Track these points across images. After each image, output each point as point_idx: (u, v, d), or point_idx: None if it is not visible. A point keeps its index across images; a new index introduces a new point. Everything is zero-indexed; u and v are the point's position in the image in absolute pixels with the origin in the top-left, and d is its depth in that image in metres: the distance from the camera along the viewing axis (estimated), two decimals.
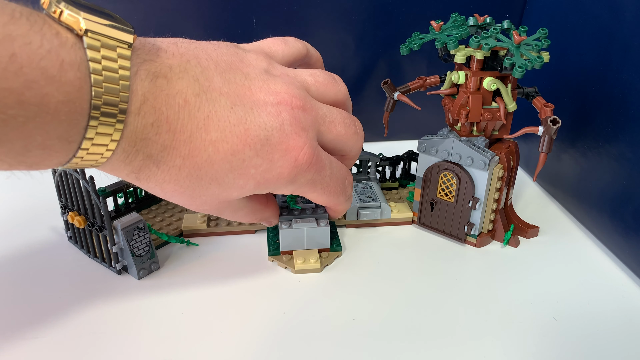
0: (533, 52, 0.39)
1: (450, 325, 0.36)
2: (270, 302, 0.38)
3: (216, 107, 0.27)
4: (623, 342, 0.35)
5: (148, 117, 0.25)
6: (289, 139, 0.29)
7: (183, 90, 0.26)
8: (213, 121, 0.27)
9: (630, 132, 0.42)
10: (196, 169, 0.28)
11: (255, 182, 0.30)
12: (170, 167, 0.27)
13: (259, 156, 0.29)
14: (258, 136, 0.28)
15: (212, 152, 0.27)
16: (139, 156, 0.26)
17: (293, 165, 0.30)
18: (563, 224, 0.50)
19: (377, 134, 0.58)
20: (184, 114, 0.26)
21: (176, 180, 0.28)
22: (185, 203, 0.31)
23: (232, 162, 0.28)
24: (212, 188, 0.29)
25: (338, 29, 0.60)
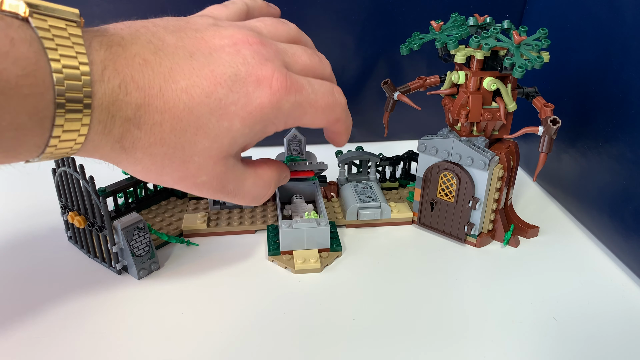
0: (533, 52, 0.39)
1: (450, 325, 0.36)
2: (270, 302, 0.38)
3: (176, 60, 0.28)
4: (623, 342, 0.35)
5: (113, 80, 0.25)
6: (257, 70, 0.29)
7: (139, 52, 0.26)
8: (177, 72, 0.27)
9: (630, 132, 0.42)
10: (177, 121, 0.27)
11: (241, 120, 0.29)
12: (151, 126, 0.27)
13: (233, 92, 0.28)
14: (225, 74, 0.28)
15: (187, 99, 0.27)
16: (117, 121, 0.26)
17: (270, 92, 0.29)
18: (563, 224, 0.50)
19: (377, 134, 0.58)
20: (147, 71, 0.26)
21: (161, 139, 0.27)
22: (179, 173, 0.30)
23: (210, 104, 0.28)
24: (200, 141, 0.28)
25: (338, 29, 0.60)
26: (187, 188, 0.31)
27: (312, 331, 0.35)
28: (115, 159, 0.28)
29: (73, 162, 0.39)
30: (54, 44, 0.23)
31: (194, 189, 0.31)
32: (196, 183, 0.31)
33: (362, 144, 0.61)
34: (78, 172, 0.39)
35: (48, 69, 0.22)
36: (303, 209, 0.47)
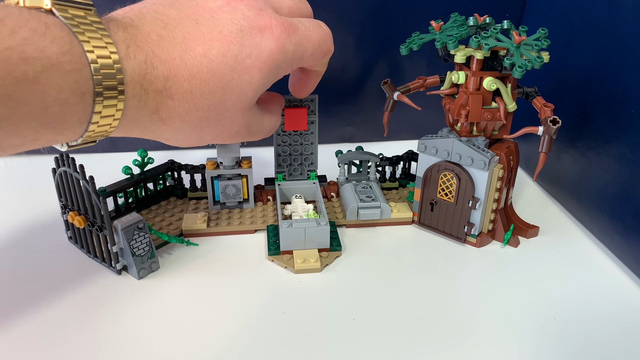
0: (533, 52, 0.39)
1: (450, 325, 0.36)
2: (270, 302, 0.38)
3: (186, 29, 0.29)
4: (623, 342, 0.35)
5: (138, 56, 0.27)
6: (257, 21, 0.31)
7: (152, 29, 0.28)
8: (191, 40, 0.29)
9: (630, 132, 0.42)
10: (205, 84, 0.29)
11: (259, 71, 0.31)
12: (182, 94, 0.29)
13: (245, 46, 0.31)
14: (232, 31, 0.30)
15: (207, 62, 0.29)
16: (150, 95, 0.27)
17: (274, 39, 0.32)
18: (563, 224, 0.50)
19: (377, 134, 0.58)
20: (165, 45, 0.28)
21: (195, 105, 0.30)
22: (217, 129, 0.32)
23: (228, 62, 0.30)
24: (228, 98, 0.31)
25: (338, 29, 0.59)
26: (222, 140, 0.34)
27: (312, 331, 0.35)
28: (156, 131, 0.30)
29: (73, 162, 0.39)
30: (80, 29, 0.24)
31: (228, 139, 0.35)
32: (231, 134, 0.34)
33: (362, 144, 0.61)
34: (78, 172, 0.39)
35: (81, 48, 0.24)
36: (303, 209, 0.47)
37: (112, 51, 0.25)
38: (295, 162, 0.51)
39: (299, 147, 0.50)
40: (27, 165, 0.60)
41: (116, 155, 0.63)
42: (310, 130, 0.49)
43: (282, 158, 0.50)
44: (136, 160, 0.48)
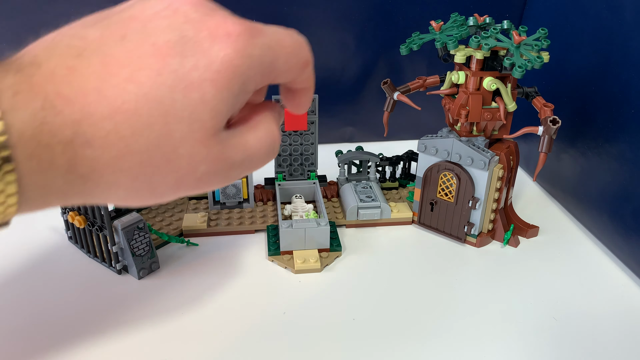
0: (533, 52, 0.39)
1: (450, 324, 0.36)
2: (270, 302, 0.38)
3: (107, 50, 0.23)
4: (623, 342, 0.35)
5: (31, 104, 0.21)
6: (205, 22, 0.25)
7: (59, 63, 0.22)
8: (113, 63, 0.23)
9: (630, 132, 0.42)
10: (135, 116, 0.22)
11: (212, 83, 0.24)
12: (105, 136, 0.22)
13: (188, 56, 0.24)
14: (170, 40, 0.24)
15: (136, 88, 0.22)
16: (56, 150, 0.21)
17: (231, 41, 0.25)
18: (563, 224, 0.50)
19: (377, 134, 0.58)
20: (75, 79, 0.22)
21: (126, 146, 0.22)
22: (172, 176, 0.25)
23: (166, 81, 0.23)
24: (175, 128, 0.23)
25: (338, 29, 0.60)
26: (191, 189, 0.26)
27: (312, 331, 0.35)
28: (83, 194, 0.23)
29: None
30: None
31: (199, 186, 0.26)
32: (198, 178, 0.25)
33: (362, 144, 0.61)
34: None
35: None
36: (303, 208, 0.47)
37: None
38: (295, 162, 0.51)
39: (299, 147, 0.50)
40: None
41: None
42: (310, 130, 0.49)
43: (282, 158, 0.50)
44: None
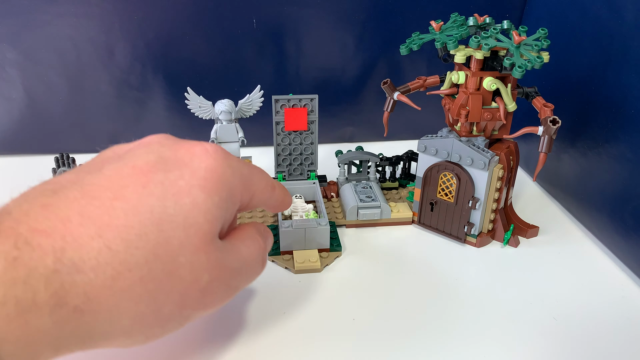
0: (533, 52, 0.39)
1: (450, 325, 0.36)
2: (270, 302, 0.38)
3: (86, 182, 0.22)
4: (623, 342, 0.35)
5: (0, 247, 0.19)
6: (180, 145, 0.25)
7: (33, 203, 0.21)
8: (92, 190, 0.22)
9: (630, 132, 0.42)
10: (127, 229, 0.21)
11: (200, 188, 0.24)
12: (95, 257, 0.20)
13: (171, 170, 0.24)
14: (149, 161, 0.23)
15: (122, 204, 0.21)
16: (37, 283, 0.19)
17: (210, 154, 0.25)
18: (563, 224, 0.50)
19: (377, 134, 0.58)
20: (51, 211, 0.21)
21: (122, 262, 0.21)
22: (176, 291, 0.23)
23: (153, 192, 0.22)
24: (171, 234, 0.22)
25: (338, 29, 0.60)
26: (196, 305, 0.24)
27: (312, 331, 0.35)
28: (80, 335, 0.21)
29: (73, 161, 0.39)
30: None
31: (204, 301, 0.25)
32: (203, 289, 0.24)
33: (362, 144, 0.61)
34: None
35: None
36: (303, 209, 0.47)
37: None
38: (295, 162, 0.51)
39: (299, 147, 0.50)
40: (27, 165, 0.60)
41: None
42: (310, 130, 0.49)
43: (282, 158, 0.50)
44: None
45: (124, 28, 0.56)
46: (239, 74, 0.60)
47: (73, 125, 0.61)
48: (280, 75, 0.61)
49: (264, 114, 0.49)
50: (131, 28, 0.56)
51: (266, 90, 0.48)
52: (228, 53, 0.59)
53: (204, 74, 0.59)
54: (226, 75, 0.60)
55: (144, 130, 0.63)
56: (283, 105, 0.48)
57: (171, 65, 0.59)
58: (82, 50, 0.56)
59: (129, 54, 0.57)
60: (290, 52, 0.60)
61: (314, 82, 0.62)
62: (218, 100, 0.47)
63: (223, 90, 0.56)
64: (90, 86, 0.59)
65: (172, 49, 0.58)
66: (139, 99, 0.60)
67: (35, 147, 0.62)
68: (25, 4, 0.53)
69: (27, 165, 0.60)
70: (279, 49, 0.60)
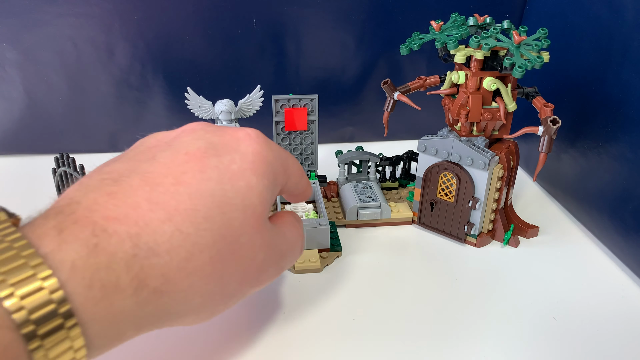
0: (533, 52, 0.39)
1: (450, 325, 0.36)
2: (270, 302, 0.38)
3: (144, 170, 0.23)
4: (623, 342, 0.35)
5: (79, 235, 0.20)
6: (224, 130, 0.27)
7: (99, 193, 0.22)
8: (153, 178, 0.23)
9: (630, 132, 0.42)
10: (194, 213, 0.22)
11: (252, 171, 0.25)
12: (169, 239, 0.21)
13: (223, 154, 0.25)
14: (200, 147, 0.25)
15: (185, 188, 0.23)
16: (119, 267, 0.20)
17: (252, 139, 0.27)
18: (563, 224, 0.50)
19: (377, 134, 0.58)
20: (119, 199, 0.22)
21: (194, 244, 0.22)
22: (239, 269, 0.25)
23: (211, 176, 0.24)
24: (232, 215, 0.24)
25: (338, 29, 0.60)
26: (252, 282, 0.26)
27: (312, 331, 0.35)
28: (157, 315, 0.22)
29: (73, 161, 0.39)
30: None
31: (259, 278, 0.26)
32: (258, 268, 0.26)
33: (362, 144, 0.61)
34: (78, 172, 0.39)
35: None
36: (303, 208, 0.47)
37: (34, 265, 0.18)
38: None
39: (299, 147, 0.50)
40: (27, 165, 0.60)
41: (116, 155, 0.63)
42: (310, 130, 0.49)
43: None
44: None
45: (124, 28, 0.56)
46: (239, 74, 0.60)
47: (73, 125, 0.61)
48: (280, 75, 0.61)
49: (264, 114, 0.49)
50: (131, 28, 0.56)
51: (266, 90, 0.48)
52: (228, 53, 0.59)
53: (204, 74, 0.59)
54: (226, 75, 0.60)
55: (144, 130, 0.62)
56: (283, 105, 0.48)
57: (171, 65, 0.59)
58: (82, 50, 0.57)
59: (129, 54, 0.57)
60: (290, 52, 0.60)
61: (314, 82, 0.62)
62: (218, 100, 0.47)
63: (223, 90, 0.57)
64: (90, 86, 0.59)
65: (172, 49, 0.58)
66: (139, 99, 0.60)
67: (35, 147, 0.62)
68: (25, 4, 0.53)
69: (27, 165, 0.60)
70: (279, 49, 0.60)
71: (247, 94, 0.48)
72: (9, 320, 0.17)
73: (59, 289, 0.18)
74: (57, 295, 0.18)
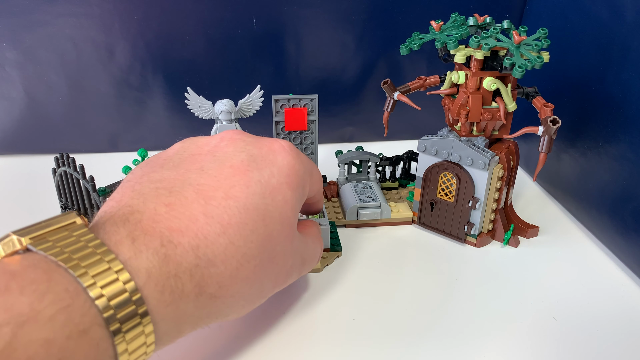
0: (533, 52, 0.39)
1: (450, 325, 0.36)
2: (270, 302, 0.38)
3: (195, 181, 0.26)
4: (623, 342, 0.35)
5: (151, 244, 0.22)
6: (260, 142, 0.29)
7: (157, 203, 0.24)
8: (205, 190, 0.25)
9: (630, 132, 0.42)
10: (243, 226, 0.25)
11: (288, 186, 0.28)
12: (224, 251, 0.24)
13: (262, 168, 0.28)
14: (243, 160, 0.27)
15: (235, 203, 0.25)
16: (184, 278, 0.23)
17: (287, 151, 0.29)
18: (563, 224, 0.50)
19: (377, 134, 0.58)
20: (178, 211, 0.24)
21: (243, 255, 0.25)
22: (274, 273, 0.28)
23: (256, 191, 0.26)
24: (272, 228, 0.26)
25: (338, 29, 0.60)
26: (280, 285, 0.30)
27: (312, 331, 0.35)
28: (210, 315, 0.25)
29: (73, 161, 0.40)
30: (70, 258, 0.20)
31: (286, 281, 0.30)
32: (287, 273, 0.29)
33: (362, 143, 0.61)
34: (78, 172, 0.39)
35: (76, 285, 0.19)
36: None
37: (117, 270, 0.20)
38: None
39: (299, 147, 0.50)
40: (27, 165, 0.60)
41: (116, 155, 0.63)
42: (310, 130, 0.49)
43: None
44: (136, 160, 0.48)
45: (124, 28, 0.56)
46: (239, 74, 0.60)
47: (73, 125, 0.61)
48: (280, 75, 0.61)
49: (264, 114, 0.49)
50: (131, 28, 0.56)
51: (266, 90, 0.48)
52: (228, 53, 0.59)
53: (204, 74, 0.59)
54: (226, 75, 0.60)
55: (144, 130, 0.63)
56: (283, 105, 0.48)
57: (171, 65, 0.59)
58: (82, 50, 0.57)
59: (129, 54, 0.57)
60: (290, 52, 0.60)
61: (314, 82, 0.62)
62: (218, 100, 0.47)
63: (223, 90, 0.57)
64: (90, 86, 0.59)
65: (172, 49, 0.58)
66: (139, 99, 0.60)
67: (35, 147, 0.62)
68: (25, 4, 0.53)
69: (27, 165, 0.60)
70: (279, 49, 0.60)
71: (247, 94, 0.48)
72: (100, 318, 0.19)
73: (137, 291, 0.21)
74: (136, 296, 0.21)
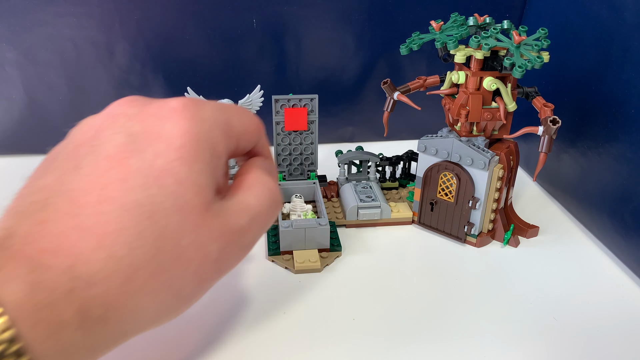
0: (533, 52, 0.39)
1: (450, 325, 0.36)
2: (270, 302, 0.38)
3: (69, 186, 0.22)
4: (623, 342, 0.35)
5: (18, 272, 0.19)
6: (146, 111, 0.24)
7: (30, 221, 0.21)
8: (78, 197, 0.21)
9: (630, 132, 0.42)
10: (124, 232, 0.21)
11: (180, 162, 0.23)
12: (105, 262, 0.20)
13: (144, 148, 0.22)
14: (121, 143, 0.22)
15: (110, 205, 0.21)
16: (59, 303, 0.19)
17: (178, 113, 0.24)
18: (563, 224, 0.50)
19: (377, 134, 0.58)
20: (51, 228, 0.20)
21: (129, 266, 0.21)
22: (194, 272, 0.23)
23: (135, 183, 0.22)
24: (168, 220, 0.22)
25: (338, 29, 0.60)
26: (214, 275, 0.24)
27: (312, 331, 0.35)
28: (111, 338, 0.22)
29: None
30: None
31: (220, 268, 0.25)
32: (216, 259, 0.24)
33: (362, 143, 0.61)
34: None
35: None
36: (302, 208, 0.47)
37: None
38: (295, 162, 0.51)
39: (299, 147, 0.50)
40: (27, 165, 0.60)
41: None
42: (310, 130, 0.49)
43: (282, 158, 0.50)
44: None
45: (124, 28, 0.56)
46: (239, 74, 0.60)
47: (73, 125, 0.61)
48: (280, 75, 0.61)
49: (264, 114, 0.49)
50: (131, 28, 0.56)
51: (266, 90, 0.48)
52: (228, 53, 0.59)
53: (204, 74, 0.59)
54: (226, 75, 0.60)
55: None
56: (283, 105, 0.48)
57: (171, 65, 0.59)
58: (82, 50, 0.56)
59: (129, 54, 0.57)
60: (290, 52, 0.60)
61: (314, 82, 0.62)
62: (218, 100, 0.47)
63: (223, 90, 0.56)
64: (90, 86, 0.59)
65: (172, 49, 0.58)
66: None
67: (35, 147, 0.62)
68: (25, 4, 0.53)
69: (27, 165, 0.60)
70: (279, 49, 0.60)
71: (247, 94, 0.48)
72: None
73: (9, 328, 0.18)
74: (7, 334, 0.18)
